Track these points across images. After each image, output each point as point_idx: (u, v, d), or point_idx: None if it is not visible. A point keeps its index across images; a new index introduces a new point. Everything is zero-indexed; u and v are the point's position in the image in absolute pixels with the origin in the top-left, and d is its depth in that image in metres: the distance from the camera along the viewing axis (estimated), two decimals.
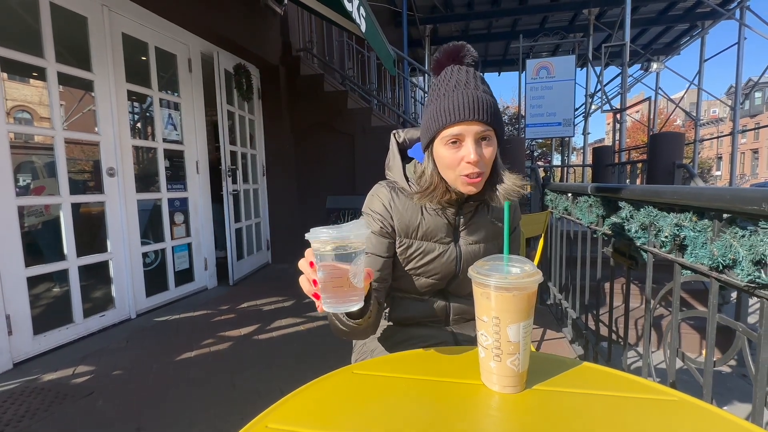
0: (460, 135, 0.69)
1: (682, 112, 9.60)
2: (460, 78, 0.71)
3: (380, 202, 0.81)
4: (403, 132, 0.88)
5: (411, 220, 0.80)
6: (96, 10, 2.37)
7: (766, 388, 0.75)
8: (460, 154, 0.70)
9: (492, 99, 0.70)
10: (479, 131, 0.69)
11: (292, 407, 0.53)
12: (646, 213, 1.18)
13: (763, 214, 0.71)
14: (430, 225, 0.80)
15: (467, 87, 0.69)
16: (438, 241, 0.82)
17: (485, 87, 0.71)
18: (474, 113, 0.68)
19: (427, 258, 0.82)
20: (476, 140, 0.70)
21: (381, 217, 0.81)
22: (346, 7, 2.21)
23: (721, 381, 2.35)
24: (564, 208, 2.26)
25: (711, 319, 0.91)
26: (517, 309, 0.52)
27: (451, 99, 0.69)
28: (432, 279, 0.84)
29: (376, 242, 0.81)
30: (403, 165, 0.83)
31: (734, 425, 0.46)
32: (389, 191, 0.82)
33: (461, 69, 0.73)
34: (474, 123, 0.68)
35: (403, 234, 0.81)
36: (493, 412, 0.51)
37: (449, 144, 0.71)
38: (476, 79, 0.71)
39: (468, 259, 0.83)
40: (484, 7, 7.34)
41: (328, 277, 0.53)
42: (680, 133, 4.89)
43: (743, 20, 6.27)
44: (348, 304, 0.55)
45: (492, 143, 0.71)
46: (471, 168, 0.70)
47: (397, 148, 0.86)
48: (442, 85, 0.72)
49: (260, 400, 1.62)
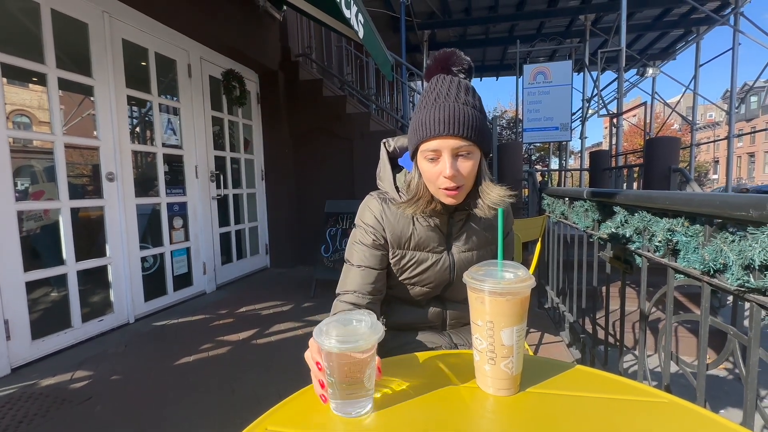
0: (437, 150, 0.70)
1: (678, 116, 9.68)
2: (442, 90, 0.71)
3: (372, 214, 0.82)
4: (393, 140, 0.88)
5: (403, 231, 0.81)
6: (96, 16, 2.39)
7: (756, 390, 0.77)
8: (438, 169, 0.71)
9: (474, 111, 0.69)
10: (456, 146, 0.69)
11: (290, 410, 0.54)
12: (640, 218, 1.20)
13: (750, 220, 0.72)
14: (422, 235, 0.81)
15: (447, 100, 0.69)
16: (431, 250, 0.82)
17: (469, 98, 0.70)
18: (450, 128, 0.67)
19: (420, 267, 0.82)
20: (453, 155, 0.70)
21: (373, 229, 0.81)
22: (344, 14, 2.23)
23: (718, 384, 2.36)
24: (561, 212, 2.28)
25: (703, 323, 0.93)
26: (511, 313, 0.54)
27: (430, 113, 0.69)
28: (427, 287, 0.85)
29: (370, 255, 0.81)
30: (393, 174, 0.83)
31: (722, 427, 0.47)
32: (380, 203, 0.82)
33: (446, 79, 0.72)
34: (450, 138, 0.68)
35: (396, 245, 0.82)
36: (488, 414, 0.53)
37: (428, 159, 0.71)
38: (460, 90, 0.71)
39: (461, 266, 0.83)
40: (481, 12, 7.40)
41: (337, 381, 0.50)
42: (676, 138, 4.93)
43: (737, 26, 6.34)
44: (358, 409, 0.52)
45: (472, 157, 0.71)
46: (448, 182, 0.70)
47: (387, 158, 0.86)
48: (426, 96, 0.72)
49: (259, 405, 1.62)
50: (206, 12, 3.01)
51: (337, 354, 0.49)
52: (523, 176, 4.45)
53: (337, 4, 2.14)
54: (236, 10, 3.35)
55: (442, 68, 0.74)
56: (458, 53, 0.74)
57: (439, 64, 0.74)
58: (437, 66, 0.74)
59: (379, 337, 0.51)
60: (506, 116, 19.01)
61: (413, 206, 0.76)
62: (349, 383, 0.50)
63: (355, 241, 0.84)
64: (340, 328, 0.52)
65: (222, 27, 3.21)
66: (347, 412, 0.51)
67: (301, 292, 3.25)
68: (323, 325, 0.53)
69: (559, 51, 8.37)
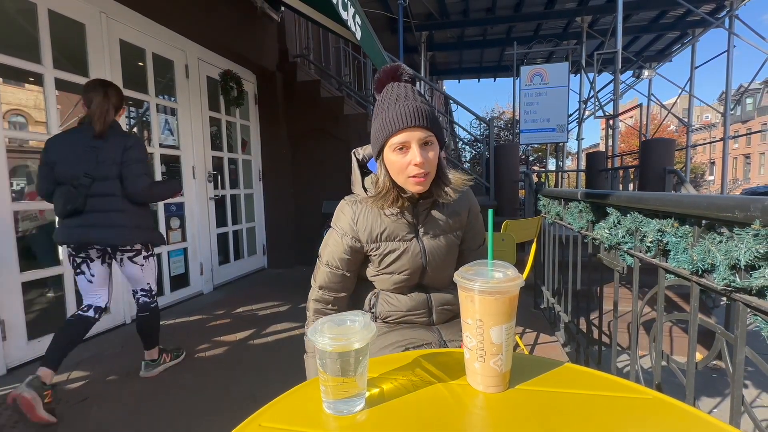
0: (406, 142, 0.79)
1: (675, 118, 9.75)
2: (400, 92, 0.81)
3: (345, 219, 0.91)
4: (362, 149, 0.98)
5: (374, 225, 0.89)
6: (94, 17, 2.40)
7: (742, 388, 0.78)
8: (407, 159, 0.79)
9: (429, 108, 0.80)
10: (422, 137, 0.78)
11: (283, 407, 0.55)
12: (632, 219, 1.21)
13: (736, 221, 0.74)
14: (392, 226, 0.89)
15: (407, 99, 0.79)
16: (401, 239, 0.90)
17: (423, 98, 0.81)
18: (415, 120, 0.77)
19: (393, 255, 0.90)
20: (420, 145, 0.79)
21: (344, 232, 0.90)
22: (341, 16, 2.24)
23: (712, 384, 2.39)
24: (556, 213, 2.30)
25: (692, 322, 0.94)
26: (500, 312, 0.55)
27: (394, 110, 0.78)
28: (404, 274, 0.91)
29: (338, 258, 0.92)
30: (362, 179, 0.92)
31: (704, 422, 0.49)
32: (351, 206, 0.91)
33: (400, 85, 0.83)
34: (416, 129, 0.78)
35: (370, 240, 0.89)
36: (478, 411, 0.54)
37: (397, 150, 0.80)
38: (414, 92, 0.81)
39: (432, 251, 0.91)
40: (479, 14, 7.43)
41: (330, 379, 0.52)
42: (671, 139, 4.97)
43: (732, 29, 6.40)
44: (350, 407, 0.53)
45: (434, 147, 0.81)
46: (417, 169, 0.79)
47: (357, 165, 0.94)
48: (385, 99, 0.82)
49: (256, 405, 1.62)
50: (204, 13, 3.02)
51: (330, 352, 0.50)
52: (519, 177, 4.47)
53: (334, 5, 2.15)
54: (234, 10, 3.36)
55: (392, 78, 0.85)
56: (403, 66, 0.85)
57: (389, 75, 0.85)
58: (387, 76, 0.85)
59: (372, 336, 0.53)
60: (504, 117, 19.07)
61: (381, 200, 0.85)
62: (342, 381, 0.52)
63: (329, 243, 0.94)
64: (334, 328, 0.54)
65: (219, 28, 3.21)
66: (340, 410, 0.53)
67: (298, 292, 3.26)
68: (318, 325, 0.54)
69: (556, 53, 8.42)
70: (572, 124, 8.82)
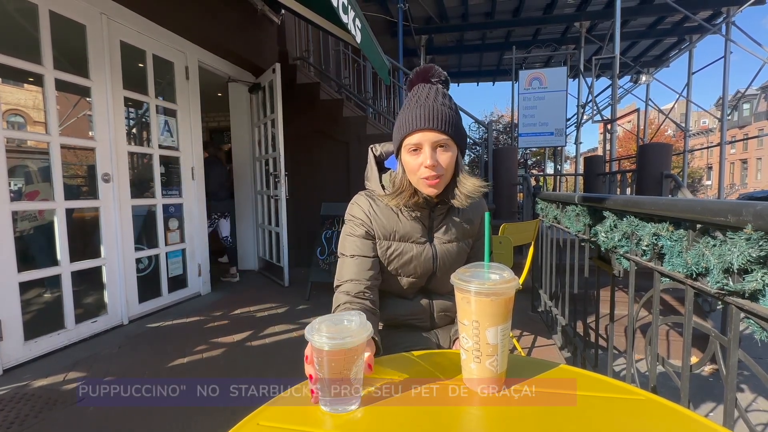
0: (419, 143, 0.78)
1: (672, 123, 9.81)
2: (422, 94, 0.80)
3: (360, 209, 0.89)
4: (380, 146, 0.96)
5: (389, 223, 0.88)
6: (95, 18, 2.41)
7: (735, 391, 0.79)
8: (419, 161, 0.79)
9: (451, 112, 0.78)
10: (436, 139, 0.77)
11: (281, 406, 0.56)
12: (628, 222, 1.22)
13: (729, 225, 0.75)
14: (407, 228, 0.88)
15: (427, 101, 0.78)
16: (414, 241, 0.89)
17: (445, 101, 0.79)
18: (429, 122, 0.76)
19: (405, 257, 0.88)
20: (433, 147, 0.78)
21: (362, 221, 0.88)
22: (342, 19, 2.26)
23: (708, 387, 2.39)
24: (554, 216, 2.31)
25: (687, 325, 0.95)
26: (496, 313, 0.56)
27: (413, 111, 0.78)
28: (412, 278, 0.90)
29: (361, 245, 0.87)
30: (380, 175, 0.91)
31: (694, 422, 0.49)
32: (367, 199, 0.90)
33: (426, 86, 0.82)
34: (430, 131, 0.77)
35: (383, 237, 0.88)
36: (474, 411, 0.54)
37: (411, 151, 0.79)
38: (438, 94, 0.80)
39: (443, 256, 0.90)
40: (478, 18, 7.48)
41: (326, 378, 0.52)
42: (668, 144, 5.00)
43: (729, 35, 6.46)
44: (346, 405, 0.54)
45: (450, 150, 0.79)
46: (428, 171, 0.78)
47: (374, 161, 0.94)
48: (409, 100, 0.82)
49: (253, 406, 1.63)
50: (204, 15, 3.03)
51: (327, 351, 0.51)
52: (518, 180, 4.49)
53: (335, 8, 2.17)
54: (234, 13, 3.37)
55: (423, 79, 0.84)
56: (436, 67, 0.83)
57: (420, 75, 0.84)
58: (418, 77, 0.84)
59: (368, 335, 0.54)
60: (503, 121, 19.14)
61: (397, 198, 0.84)
62: (338, 380, 0.52)
63: (347, 234, 0.90)
64: (331, 327, 0.55)
65: (220, 30, 3.22)
66: (335, 409, 0.53)
67: (297, 294, 3.26)
68: (315, 323, 0.55)
69: (554, 57, 8.47)
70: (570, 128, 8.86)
